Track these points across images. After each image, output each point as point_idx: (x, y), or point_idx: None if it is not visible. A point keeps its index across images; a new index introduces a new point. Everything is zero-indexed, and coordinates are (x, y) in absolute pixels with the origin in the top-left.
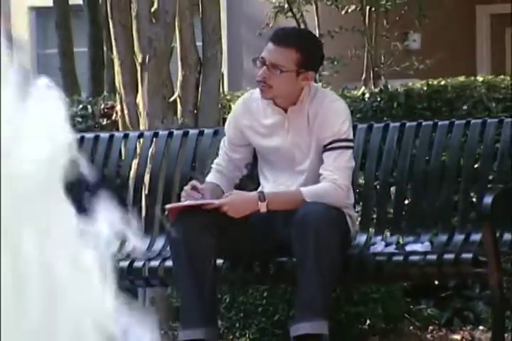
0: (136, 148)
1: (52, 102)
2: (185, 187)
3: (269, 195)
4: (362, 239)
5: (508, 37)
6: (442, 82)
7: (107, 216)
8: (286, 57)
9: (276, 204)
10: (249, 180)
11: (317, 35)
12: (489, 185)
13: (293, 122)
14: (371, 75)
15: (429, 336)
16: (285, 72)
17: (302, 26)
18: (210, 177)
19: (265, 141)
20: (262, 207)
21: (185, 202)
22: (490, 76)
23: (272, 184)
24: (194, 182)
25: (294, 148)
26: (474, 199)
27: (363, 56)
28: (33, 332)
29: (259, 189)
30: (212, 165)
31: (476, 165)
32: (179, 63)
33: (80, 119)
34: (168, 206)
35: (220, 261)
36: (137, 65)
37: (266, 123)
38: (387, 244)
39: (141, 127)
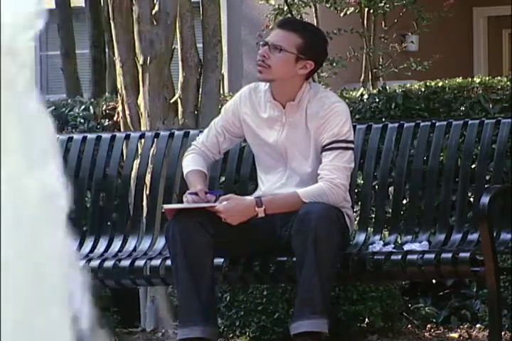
0: (137, 148)
1: None
2: (189, 196)
3: (266, 200)
4: (360, 238)
5: (505, 38)
6: (440, 83)
7: None
8: (287, 39)
9: (273, 208)
10: (249, 182)
11: None
12: (486, 185)
13: (290, 118)
14: (370, 76)
15: (427, 334)
16: (284, 52)
17: None
18: (196, 163)
19: (262, 133)
20: (260, 213)
21: (182, 205)
22: (487, 77)
23: (267, 184)
24: (199, 189)
25: (287, 144)
26: (472, 199)
27: (361, 58)
28: None
29: (257, 191)
30: (195, 144)
31: (473, 166)
32: (180, 65)
33: (82, 120)
34: (165, 206)
35: (219, 260)
36: (138, 66)
37: (263, 117)
38: (386, 244)
39: (143, 128)
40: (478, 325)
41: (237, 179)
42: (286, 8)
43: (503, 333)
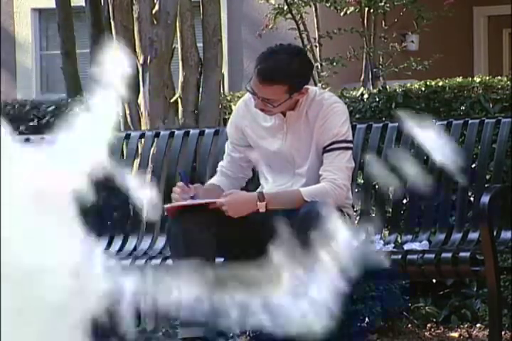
0: (137, 147)
1: None
2: (174, 188)
3: (268, 195)
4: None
5: (505, 38)
6: (440, 83)
7: None
8: (276, 92)
9: (275, 204)
10: (250, 180)
11: (316, 36)
12: (486, 185)
13: (291, 125)
14: (370, 76)
15: (427, 334)
16: (277, 102)
17: (301, 27)
18: (213, 179)
19: (265, 143)
20: (261, 207)
21: (183, 202)
22: (487, 77)
23: (272, 184)
24: (181, 183)
25: (293, 151)
26: (472, 199)
27: (361, 57)
28: None
29: (259, 189)
30: (217, 168)
31: (473, 165)
32: (180, 64)
33: None
34: (167, 205)
35: (219, 260)
36: (139, 65)
37: (265, 126)
38: (386, 243)
39: (143, 127)
40: (478, 325)
41: None
42: (286, 7)
43: (503, 333)
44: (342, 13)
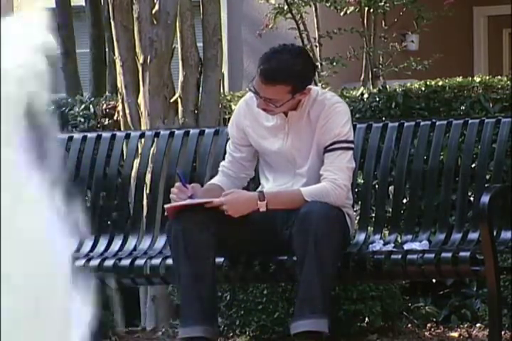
0: (137, 147)
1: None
2: (172, 189)
3: (268, 194)
4: (361, 237)
5: (505, 38)
6: (440, 83)
7: None
8: (278, 92)
9: (275, 203)
10: (250, 180)
11: (316, 36)
12: (486, 185)
13: (293, 125)
14: (370, 76)
15: (427, 333)
16: (280, 101)
17: (301, 27)
18: (215, 179)
19: (266, 143)
20: (262, 207)
21: (183, 202)
22: (487, 76)
23: (272, 184)
24: (178, 184)
25: (294, 151)
26: (472, 199)
27: (361, 57)
28: None
29: (259, 188)
30: (219, 168)
31: (473, 165)
32: (180, 64)
33: (82, 119)
34: (166, 206)
35: (220, 260)
36: (138, 65)
37: (267, 126)
38: (386, 243)
39: (143, 127)
40: (478, 325)
41: None
42: (286, 7)
43: (503, 332)
44: (342, 13)
